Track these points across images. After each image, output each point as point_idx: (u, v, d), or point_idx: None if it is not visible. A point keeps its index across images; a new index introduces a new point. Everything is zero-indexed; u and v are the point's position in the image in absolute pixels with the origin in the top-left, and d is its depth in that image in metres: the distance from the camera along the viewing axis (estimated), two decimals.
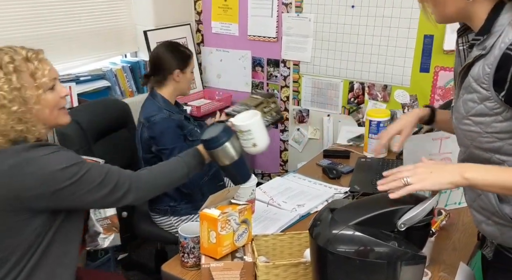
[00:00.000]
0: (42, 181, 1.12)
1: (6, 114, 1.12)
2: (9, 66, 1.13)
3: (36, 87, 1.17)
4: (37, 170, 1.12)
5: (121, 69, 2.75)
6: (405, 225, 0.96)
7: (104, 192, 1.19)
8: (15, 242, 1.16)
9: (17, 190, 1.12)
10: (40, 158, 1.13)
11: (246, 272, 1.19)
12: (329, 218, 0.99)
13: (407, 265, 0.93)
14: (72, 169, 1.14)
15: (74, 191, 1.15)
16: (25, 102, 1.14)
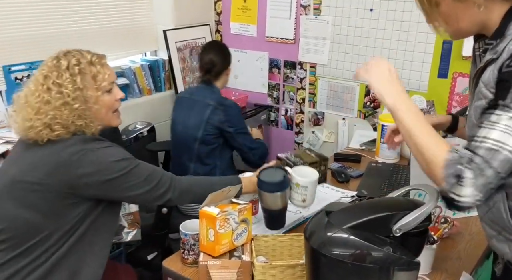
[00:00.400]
0: (97, 170, 1.25)
1: (68, 110, 1.27)
2: (75, 68, 1.29)
3: (96, 88, 1.31)
4: (94, 160, 1.25)
5: (140, 67, 2.80)
6: (401, 231, 0.95)
7: (147, 188, 1.31)
8: (57, 225, 1.25)
9: (73, 176, 1.23)
10: (98, 150, 1.27)
11: (244, 272, 1.20)
12: (324, 221, 0.99)
13: (400, 271, 0.92)
14: (123, 163, 1.28)
15: (122, 183, 1.28)
16: (85, 101, 1.29)
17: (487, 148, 0.84)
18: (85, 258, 1.31)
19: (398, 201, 1.04)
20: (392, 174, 1.86)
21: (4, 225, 1.25)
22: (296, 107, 2.96)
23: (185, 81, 3.00)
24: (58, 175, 1.23)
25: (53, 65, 1.30)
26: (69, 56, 1.30)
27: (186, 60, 3.01)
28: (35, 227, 1.24)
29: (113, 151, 1.30)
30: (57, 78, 1.28)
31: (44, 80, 1.29)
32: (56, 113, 1.25)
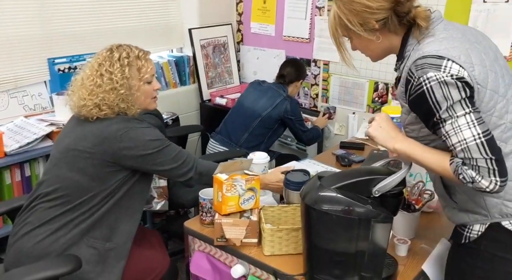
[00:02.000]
0: (136, 145, 1.50)
1: (115, 94, 1.52)
2: (125, 60, 1.54)
3: (139, 79, 1.57)
4: (134, 137, 1.50)
5: (167, 63, 3.06)
6: (379, 192, 1.15)
7: (174, 166, 1.56)
8: (101, 188, 1.51)
9: (116, 148, 1.49)
10: (138, 129, 1.52)
11: (251, 229, 1.42)
12: (317, 183, 1.20)
13: (376, 223, 1.12)
14: (157, 142, 1.54)
15: (154, 159, 1.53)
16: (130, 88, 1.54)
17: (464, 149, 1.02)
18: (122, 218, 1.57)
19: (378, 169, 1.24)
20: None
21: (59, 184, 1.52)
22: (310, 102, 3.16)
23: (207, 76, 3.25)
24: (104, 146, 1.49)
25: (107, 55, 1.55)
26: (121, 49, 1.56)
27: (209, 57, 3.25)
28: (83, 188, 1.50)
29: (150, 131, 1.55)
30: (110, 67, 1.53)
31: (99, 67, 1.54)
32: (105, 96, 1.51)
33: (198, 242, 1.57)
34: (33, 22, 2.40)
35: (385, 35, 1.15)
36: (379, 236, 1.14)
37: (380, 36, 1.15)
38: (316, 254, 1.20)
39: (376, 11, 1.11)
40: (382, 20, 1.12)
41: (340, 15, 1.15)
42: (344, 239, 1.16)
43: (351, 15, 1.13)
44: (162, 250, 1.76)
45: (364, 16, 1.12)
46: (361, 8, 1.12)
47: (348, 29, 1.16)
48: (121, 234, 1.56)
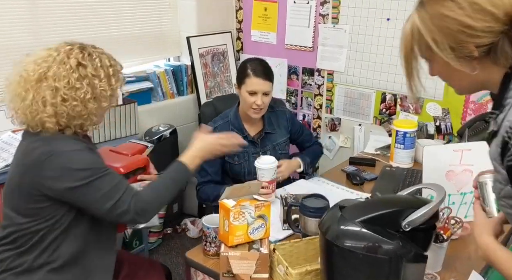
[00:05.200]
0: (60, 176, 1.21)
1: (97, 106, 1.27)
2: (110, 70, 1.31)
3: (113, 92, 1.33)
4: (59, 164, 1.21)
5: (164, 72, 2.93)
6: (409, 226, 1.02)
7: (105, 206, 1.24)
8: (45, 226, 1.27)
9: (40, 177, 1.22)
10: (65, 153, 1.22)
11: (262, 263, 1.28)
12: (338, 215, 1.07)
13: (409, 263, 0.99)
14: (86, 173, 1.23)
15: (83, 194, 1.23)
16: (110, 100, 1.32)
17: None
18: (92, 253, 1.33)
19: (407, 198, 1.11)
20: (406, 177, 1.92)
21: (9, 229, 1.30)
22: (313, 113, 3.04)
23: (206, 85, 3.12)
24: (27, 176, 1.23)
25: (85, 56, 1.27)
26: (99, 54, 1.31)
27: (208, 66, 3.12)
28: (28, 230, 1.27)
29: (81, 156, 1.24)
30: (93, 71, 1.26)
31: (77, 67, 1.25)
32: (83, 105, 1.24)
33: (201, 275, 1.42)
34: (25, 32, 2.27)
35: (485, 67, 0.85)
36: (412, 278, 1.01)
37: (478, 66, 0.85)
38: None
39: (480, 33, 0.81)
40: (485, 46, 0.82)
41: (422, 31, 0.86)
42: None
43: (440, 34, 0.83)
44: None
45: (459, 38, 0.82)
46: (457, 27, 0.82)
47: (431, 52, 0.86)
48: (99, 271, 1.35)
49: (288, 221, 1.47)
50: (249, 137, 2.03)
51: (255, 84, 1.93)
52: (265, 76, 1.96)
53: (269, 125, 2.08)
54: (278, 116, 2.12)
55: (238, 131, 2.02)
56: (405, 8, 2.47)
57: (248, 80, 1.95)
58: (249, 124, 2.06)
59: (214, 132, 2.00)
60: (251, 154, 2.04)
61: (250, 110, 1.97)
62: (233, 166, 2.04)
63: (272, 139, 2.09)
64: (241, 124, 2.04)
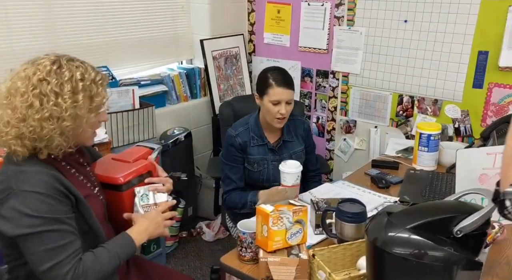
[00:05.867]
0: (10, 217, 1.12)
1: (56, 125, 1.14)
2: (79, 84, 1.17)
3: (90, 109, 1.20)
4: (13, 204, 1.12)
5: (178, 75, 2.91)
6: (461, 232, 1.01)
7: (46, 265, 1.13)
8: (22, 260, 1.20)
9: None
10: (22, 194, 1.12)
11: (301, 269, 1.26)
12: (385, 221, 1.06)
13: (463, 270, 0.98)
14: (36, 221, 1.12)
15: (26, 242, 1.13)
16: (75, 119, 1.17)
17: None
18: None
19: (457, 204, 1.10)
20: (432, 181, 1.91)
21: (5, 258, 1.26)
22: (327, 115, 3.02)
23: (220, 88, 3.10)
24: None
25: (54, 70, 1.15)
26: (72, 67, 1.18)
27: (221, 69, 3.10)
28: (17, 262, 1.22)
29: (36, 201, 1.12)
30: (57, 87, 1.14)
31: (39, 83, 1.14)
32: (39, 125, 1.13)
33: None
34: (41, 36, 2.26)
35: None
36: None
37: None
38: None
39: None
40: None
41: None
42: None
43: None
44: None
45: None
46: None
47: None
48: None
49: (323, 226, 1.46)
50: (269, 145, 2.03)
51: (278, 94, 1.92)
52: (288, 85, 1.94)
53: (288, 133, 2.07)
54: (296, 125, 2.11)
55: (258, 138, 2.02)
56: (423, 9, 2.46)
57: (271, 90, 1.93)
58: (268, 132, 2.05)
59: (235, 139, 2.00)
60: (270, 161, 2.03)
61: (274, 120, 1.95)
62: (252, 173, 2.02)
63: (290, 147, 2.07)
64: (261, 132, 2.02)
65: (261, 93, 1.98)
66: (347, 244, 1.35)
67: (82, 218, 1.24)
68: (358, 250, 1.35)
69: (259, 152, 2.01)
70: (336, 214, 1.39)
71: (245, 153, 2.00)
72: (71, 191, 1.20)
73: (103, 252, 1.23)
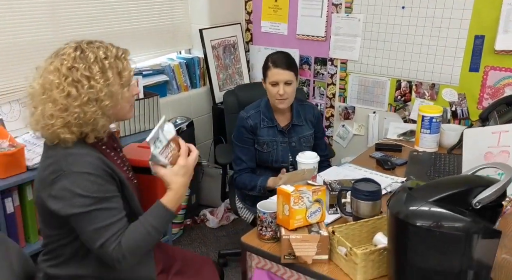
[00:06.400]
0: (61, 197, 1.17)
1: (97, 107, 1.19)
2: (105, 62, 1.20)
3: (121, 84, 1.24)
4: (64, 185, 1.16)
5: (178, 65, 2.92)
6: (480, 204, 1.06)
7: (97, 243, 1.18)
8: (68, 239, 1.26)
9: (47, 196, 1.19)
10: (73, 175, 1.16)
11: (322, 245, 1.32)
12: (408, 196, 1.11)
13: (483, 239, 1.04)
14: (87, 200, 1.16)
15: (78, 221, 1.18)
16: (112, 97, 1.21)
17: None
18: None
19: (474, 177, 1.16)
20: (435, 161, 1.98)
21: (45, 240, 1.33)
22: (326, 102, 3.08)
23: (219, 77, 3.12)
24: (39, 193, 1.22)
25: (78, 56, 1.19)
26: (94, 48, 1.21)
27: (220, 58, 3.12)
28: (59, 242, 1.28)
29: (86, 181, 1.16)
30: (86, 70, 1.18)
31: (69, 71, 1.18)
32: (82, 110, 1.17)
33: (256, 258, 1.45)
34: (44, 28, 2.25)
35: None
36: (485, 253, 1.06)
37: None
38: (411, 273, 1.11)
39: None
40: None
41: None
42: (446, 258, 1.06)
43: None
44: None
45: None
46: None
47: None
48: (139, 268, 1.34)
49: (338, 205, 1.51)
50: (278, 127, 2.09)
51: (275, 75, 1.99)
52: (285, 66, 2.00)
53: (297, 117, 2.13)
54: (306, 110, 2.18)
55: (268, 120, 2.08)
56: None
57: (269, 72, 2.02)
58: (278, 114, 2.12)
59: (247, 120, 2.05)
60: (279, 143, 2.09)
61: (275, 101, 2.03)
62: (262, 154, 2.09)
63: (299, 131, 2.14)
64: (271, 114, 2.08)
65: (264, 77, 2.08)
66: (364, 221, 1.40)
67: (125, 200, 1.28)
68: (373, 226, 1.41)
69: (268, 133, 2.07)
70: (352, 193, 1.44)
71: (255, 134, 2.07)
72: (116, 173, 1.25)
73: (139, 229, 1.24)
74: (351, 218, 1.50)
